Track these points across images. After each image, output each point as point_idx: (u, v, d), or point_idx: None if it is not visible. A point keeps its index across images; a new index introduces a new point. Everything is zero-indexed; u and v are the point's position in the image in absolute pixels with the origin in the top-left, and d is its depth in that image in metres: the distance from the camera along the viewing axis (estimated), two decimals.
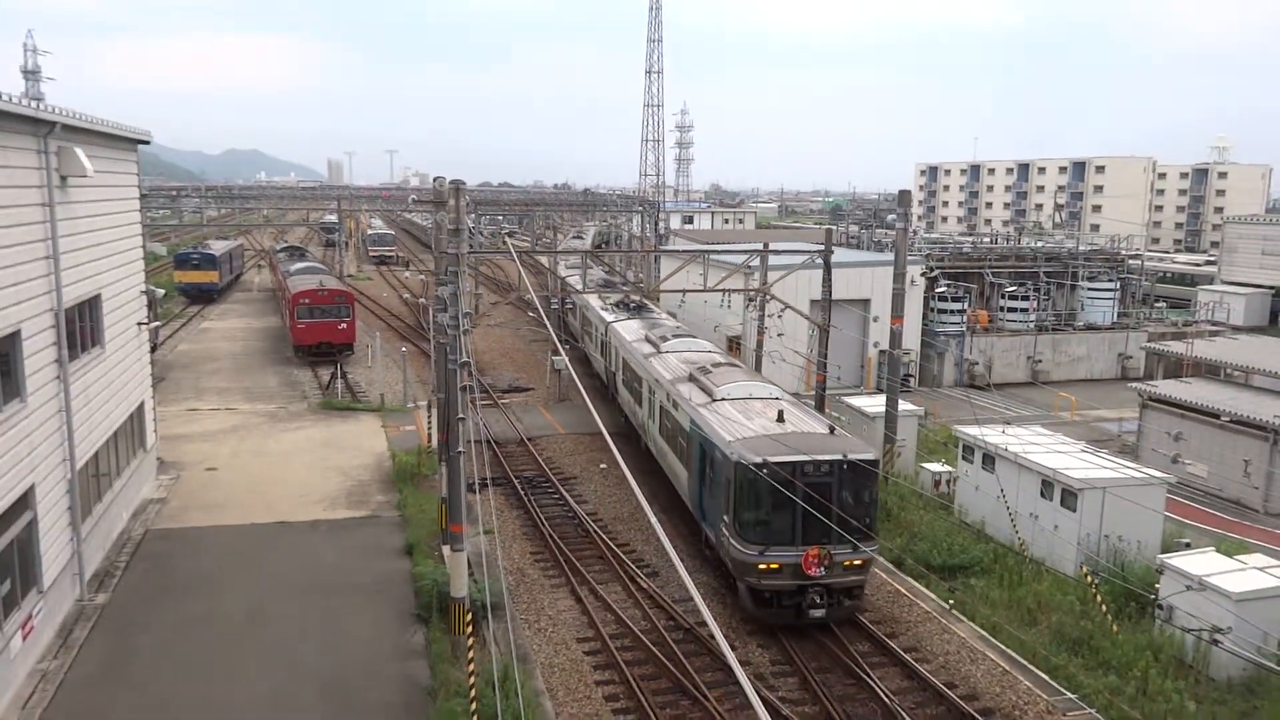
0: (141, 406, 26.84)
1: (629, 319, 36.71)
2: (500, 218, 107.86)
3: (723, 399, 23.19)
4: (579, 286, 42.38)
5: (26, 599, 17.41)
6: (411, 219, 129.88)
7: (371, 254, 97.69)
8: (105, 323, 23.00)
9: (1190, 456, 30.76)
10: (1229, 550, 20.74)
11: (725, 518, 19.83)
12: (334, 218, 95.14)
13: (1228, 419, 29.95)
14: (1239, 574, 18.49)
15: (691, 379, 25.65)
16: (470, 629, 17.04)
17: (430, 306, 24.21)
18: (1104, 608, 19.95)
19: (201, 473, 28.94)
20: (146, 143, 26.59)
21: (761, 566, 19.03)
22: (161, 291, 56.41)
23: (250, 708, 16.26)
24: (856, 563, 19.28)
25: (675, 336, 31.24)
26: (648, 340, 31.81)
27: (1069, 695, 17.45)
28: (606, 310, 39.38)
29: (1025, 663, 18.59)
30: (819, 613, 19.08)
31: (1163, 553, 20.74)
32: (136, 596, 20.46)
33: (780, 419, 21.08)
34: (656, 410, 27.38)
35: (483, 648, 17.72)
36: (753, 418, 21.58)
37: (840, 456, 19.30)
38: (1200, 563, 19.00)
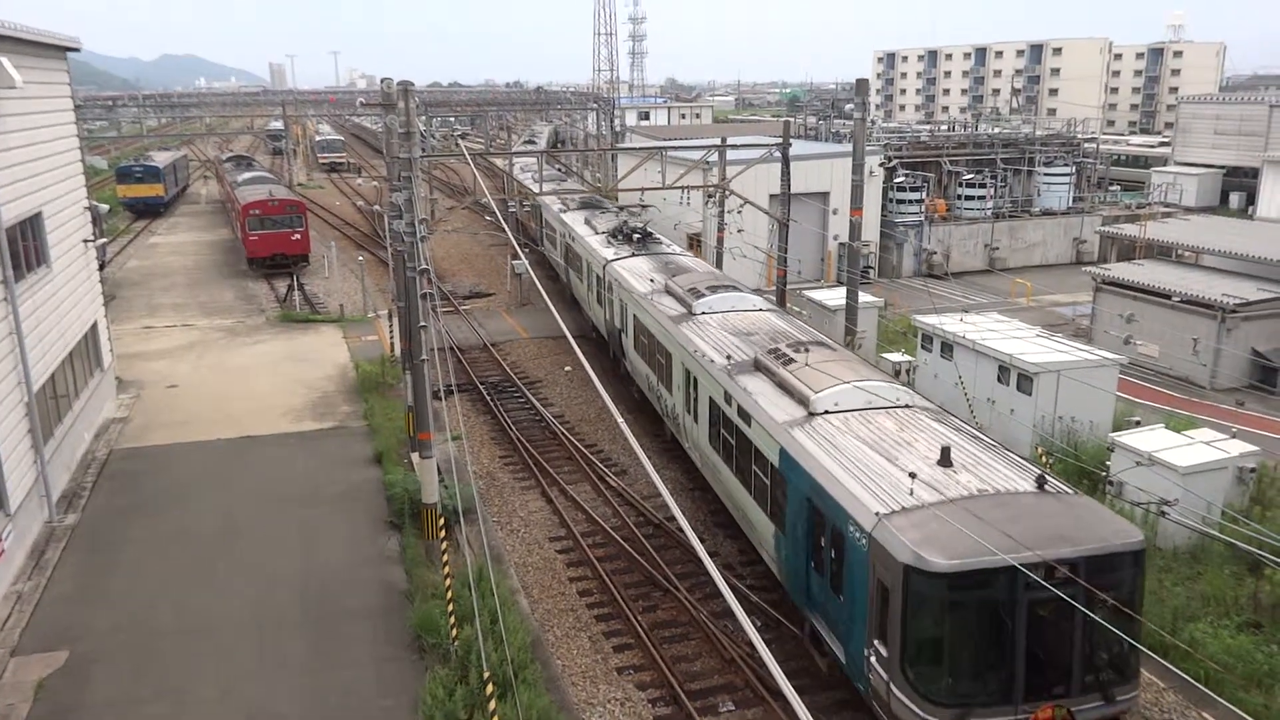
0: (95, 326, 26.35)
1: (634, 256, 28.98)
2: (452, 119, 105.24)
3: (825, 412, 15.54)
4: (542, 193, 37.77)
5: None
6: (361, 123, 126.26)
7: (321, 161, 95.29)
8: (49, 241, 22.37)
9: (1142, 337, 31.48)
10: (1177, 426, 21.42)
11: (879, 649, 12.20)
12: (280, 124, 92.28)
13: (1178, 299, 30.58)
14: (1186, 448, 19.19)
15: (760, 369, 17.96)
16: (443, 533, 17.32)
17: (385, 213, 23.74)
18: None
19: (162, 390, 28.66)
20: (76, 50, 25.41)
21: None
22: (105, 207, 54.70)
23: (230, 618, 16.50)
24: (1109, 716, 12.15)
25: (710, 290, 22.87)
26: (669, 293, 24.20)
27: None
28: (600, 241, 31.64)
29: None
30: None
31: (1114, 431, 21.39)
32: (106, 516, 20.48)
33: (946, 460, 13.38)
34: (703, 409, 19.61)
35: (457, 551, 18.03)
36: (896, 456, 13.86)
37: (1092, 549, 11.65)
38: (1150, 439, 19.65)
